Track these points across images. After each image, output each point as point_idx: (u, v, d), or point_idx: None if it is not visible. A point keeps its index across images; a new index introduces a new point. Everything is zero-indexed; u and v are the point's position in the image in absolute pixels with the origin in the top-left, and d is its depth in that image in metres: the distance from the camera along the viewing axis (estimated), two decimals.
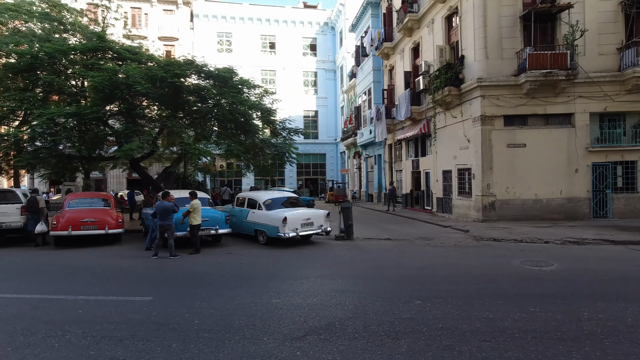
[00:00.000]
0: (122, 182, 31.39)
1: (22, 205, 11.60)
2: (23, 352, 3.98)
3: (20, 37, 14.64)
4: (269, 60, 36.31)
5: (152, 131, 15.27)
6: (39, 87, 14.54)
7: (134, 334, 4.39)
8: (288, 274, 7.56)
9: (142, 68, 13.58)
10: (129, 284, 7.00)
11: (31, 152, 13.66)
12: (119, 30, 19.68)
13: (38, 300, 5.86)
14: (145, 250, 10.26)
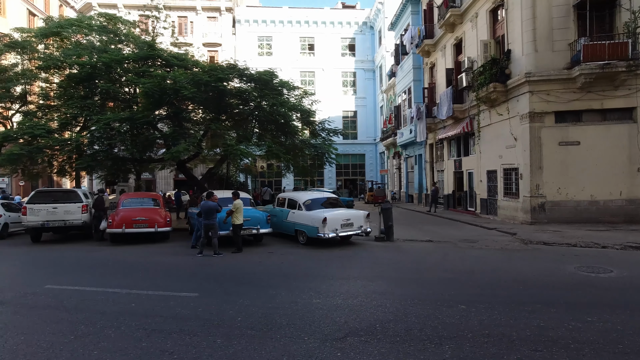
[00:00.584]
0: (169, 183, 32.99)
1: (83, 204, 12.54)
2: (84, 340, 4.29)
3: (82, 50, 15.81)
4: (308, 62, 36.65)
5: (197, 134, 15.95)
6: (97, 94, 15.63)
7: (181, 328, 4.60)
8: (328, 275, 7.59)
9: (188, 73, 14.21)
10: (176, 280, 7.35)
11: (90, 155, 14.74)
12: (167, 39, 20.71)
13: (96, 293, 6.30)
14: (191, 248, 10.71)
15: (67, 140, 14.80)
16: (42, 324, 4.88)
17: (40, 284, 6.91)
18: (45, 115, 17.62)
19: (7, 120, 20.21)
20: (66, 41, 17.70)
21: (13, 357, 3.89)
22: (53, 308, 5.54)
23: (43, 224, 12.03)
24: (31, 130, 13.79)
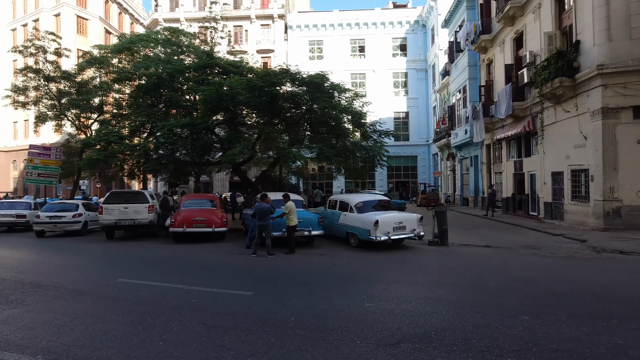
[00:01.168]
0: (225, 185, 34.53)
1: (149, 204, 13.53)
2: (151, 332, 4.61)
3: (149, 62, 17.13)
4: (358, 64, 36.57)
5: (251, 137, 16.55)
6: (162, 103, 16.82)
7: (237, 325, 4.79)
8: (380, 278, 7.49)
9: (243, 80, 14.80)
10: (232, 278, 7.66)
11: (156, 159, 15.89)
12: (224, 48, 21.76)
13: (161, 287, 6.76)
14: (245, 248, 11.10)
15: (136, 146, 16.07)
16: (115, 313, 5.33)
17: (113, 277, 7.56)
18: (118, 123, 19.31)
19: (87, 128, 22.41)
20: (136, 55, 19.27)
21: (92, 342, 4.28)
22: (124, 300, 6.03)
23: (116, 222, 13.17)
24: (106, 137, 15.19)
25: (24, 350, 4.04)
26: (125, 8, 46.99)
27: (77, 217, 14.53)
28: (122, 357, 3.87)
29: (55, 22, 38.53)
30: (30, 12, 41.10)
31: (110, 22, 43.53)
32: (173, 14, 35.55)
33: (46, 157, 19.38)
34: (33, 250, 11.60)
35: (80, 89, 21.38)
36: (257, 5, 36.10)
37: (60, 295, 6.28)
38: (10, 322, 4.98)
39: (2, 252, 11.11)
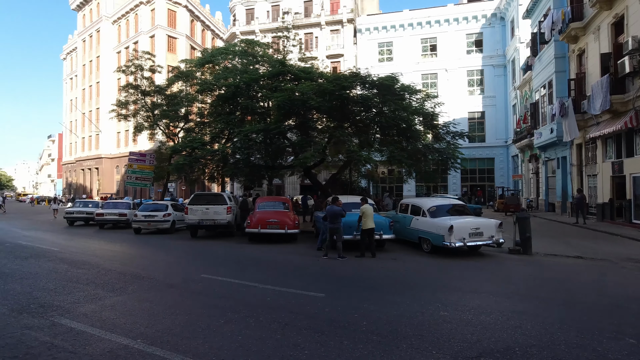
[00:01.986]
0: (296, 188, 35.56)
1: (227, 206, 14.47)
2: (231, 326, 4.92)
3: (228, 73, 18.41)
4: (429, 64, 35.34)
5: (322, 141, 16.88)
6: (239, 110, 17.92)
7: (310, 326, 4.90)
8: (455, 286, 7.14)
9: (314, 85, 15.18)
10: (304, 279, 7.86)
11: (233, 163, 16.96)
12: (295, 55, 22.54)
13: (239, 285, 7.18)
14: (316, 250, 11.34)
15: (216, 151, 17.32)
16: (200, 307, 5.79)
17: (197, 273, 8.23)
18: (200, 130, 21.00)
19: (175, 136, 24.73)
20: (216, 67, 20.82)
21: (181, 331, 4.70)
22: (207, 295, 6.52)
23: (199, 222, 14.31)
24: (191, 144, 16.62)
25: (128, 334, 4.58)
26: (207, 25, 50.99)
27: (167, 217, 16.08)
28: (206, 347, 4.19)
29: (150, 43, 43.20)
30: (132, 35, 46.58)
31: (194, 39, 47.56)
32: (249, 27, 37.70)
33: (142, 162, 21.75)
34: (132, 245, 13.05)
35: (169, 101, 23.70)
36: (327, 11, 36.77)
37: (154, 287, 7.00)
38: (116, 307, 5.68)
39: (109, 245, 12.70)
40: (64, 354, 4.02)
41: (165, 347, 4.19)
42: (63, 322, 4.98)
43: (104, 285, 7.04)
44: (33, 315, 5.30)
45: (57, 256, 10.14)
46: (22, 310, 5.49)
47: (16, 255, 10.14)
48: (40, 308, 5.60)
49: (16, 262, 9.28)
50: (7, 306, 5.71)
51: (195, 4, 47.70)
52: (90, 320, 5.06)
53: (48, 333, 4.61)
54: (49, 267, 8.65)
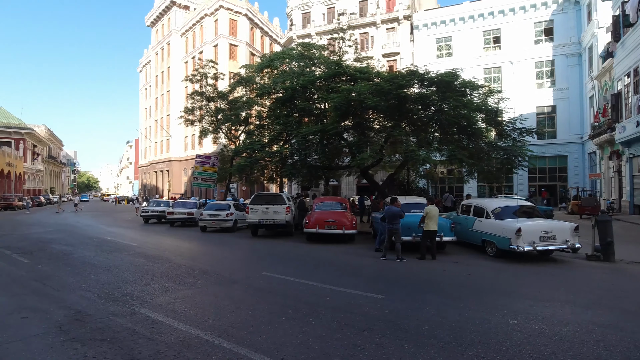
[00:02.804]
0: (352, 188, 35.50)
1: (286, 206, 14.86)
2: (291, 323, 5.06)
3: (285, 76, 18.93)
4: (492, 57, 33.36)
5: (379, 141, 16.69)
6: (296, 112, 18.33)
7: (370, 327, 4.88)
8: (525, 293, 6.68)
9: (370, 85, 15.07)
10: (363, 280, 7.83)
11: (291, 164, 17.38)
12: (351, 55, 22.54)
13: (298, 283, 7.34)
14: (374, 251, 11.24)
15: (275, 153, 17.87)
16: (262, 303, 6.02)
17: (259, 271, 8.55)
18: (260, 133, 21.82)
19: (236, 139, 25.95)
20: (274, 71, 21.50)
21: (245, 325, 4.93)
22: (268, 292, 6.76)
23: (259, 221, 14.86)
24: (251, 146, 17.33)
25: (197, 325, 4.90)
26: (265, 31, 52.84)
27: (229, 216, 16.91)
28: (269, 343, 4.35)
29: (214, 52, 45.77)
30: (197, 46, 49.72)
31: (254, 45, 49.53)
32: (305, 31, 38.39)
33: (207, 164, 23.12)
34: (198, 243, 13.91)
35: (231, 106, 24.94)
36: (382, 10, 36.28)
37: (219, 282, 7.41)
38: (187, 300, 6.11)
39: (179, 242, 13.66)
40: (144, 340, 4.41)
41: (231, 339, 4.42)
42: (142, 311, 5.46)
43: (176, 278, 7.59)
44: (117, 303, 5.87)
45: (136, 251, 11.13)
46: (108, 298, 6.11)
47: (102, 249, 11.30)
48: (123, 297, 6.19)
49: (103, 255, 10.34)
50: (97, 294, 6.39)
51: (254, 12, 49.64)
52: (164, 311, 5.49)
53: (130, 320, 5.08)
54: (129, 261, 9.52)
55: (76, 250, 11.09)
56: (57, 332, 4.66)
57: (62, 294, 6.40)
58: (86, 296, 6.26)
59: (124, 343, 4.31)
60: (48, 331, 4.69)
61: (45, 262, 9.34)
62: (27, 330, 4.72)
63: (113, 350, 4.10)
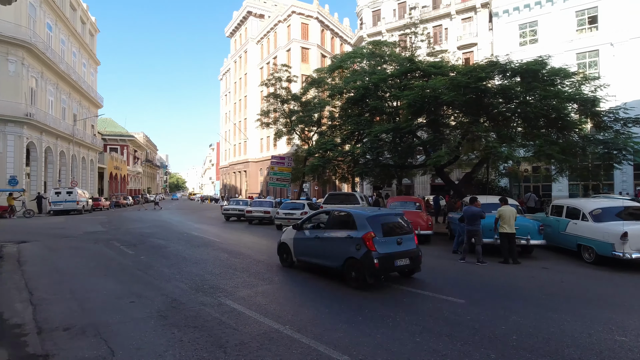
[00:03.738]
0: (426, 188, 34.24)
1: (359, 205, 14.85)
2: (369, 324, 5.04)
3: (356, 76, 18.95)
4: (587, 40, 29.71)
5: (455, 138, 15.89)
6: (367, 111, 18.25)
7: (451, 333, 4.67)
8: (634, 306, 5.87)
9: (446, 79, 14.40)
10: (441, 283, 7.51)
11: (363, 164, 17.35)
12: (424, 50, 21.78)
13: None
14: (452, 253, 10.73)
15: (347, 152, 17.97)
16: (338, 302, 6.08)
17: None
18: (332, 133, 22.11)
19: (309, 140, 26.62)
20: (345, 71, 21.63)
21: (323, 322, 5.03)
22: (344, 291, 6.79)
23: None
24: (324, 146, 17.63)
25: (277, 319, 5.13)
26: (336, 32, 53.37)
27: (304, 215, 17.37)
28: (347, 341, 4.39)
29: (287, 56, 47.49)
30: (271, 52, 52.03)
31: (324, 47, 50.33)
32: (375, 28, 37.97)
33: (282, 164, 24.07)
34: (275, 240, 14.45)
35: (304, 107, 25.65)
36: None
37: (296, 279, 7.66)
38: (267, 295, 6.43)
39: (257, 239, 14.42)
40: (230, 330, 4.74)
41: (310, 335, 4.55)
42: (227, 303, 5.87)
43: (256, 274, 8.02)
44: (206, 294, 6.39)
45: (219, 246, 12.00)
46: (198, 289, 6.68)
47: (191, 244, 12.38)
48: (210, 289, 6.71)
49: (191, 249, 11.33)
50: (188, 284, 7.02)
51: (324, 15, 50.41)
52: (247, 304, 5.84)
53: (217, 310, 5.50)
54: (214, 255, 10.30)
55: (170, 244, 12.29)
56: (158, 317, 5.22)
57: (160, 283, 7.15)
58: (180, 286, 6.91)
59: (212, 331, 4.68)
60: (151, 315, 5.28)
61: (146, 254, 10.51)
62: (134, 314, 5.36)
63: (204, 338, 4.48)
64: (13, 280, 7.41)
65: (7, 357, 3.99)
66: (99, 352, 4.06)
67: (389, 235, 6.97)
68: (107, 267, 8.68)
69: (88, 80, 41.11)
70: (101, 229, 17.47)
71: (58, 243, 12.64)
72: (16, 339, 4.47)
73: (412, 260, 7.15)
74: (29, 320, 5.14)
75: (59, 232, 15.68)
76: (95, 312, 5.44)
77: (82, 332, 4.65)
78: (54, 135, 31.20)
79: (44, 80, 29.92)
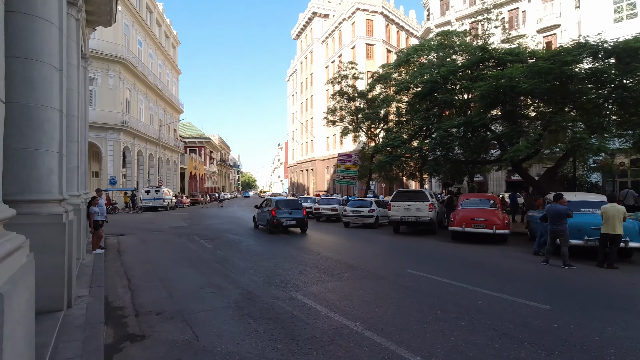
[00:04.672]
0: (501, 184, 31.95)
1: (429, 203, 14.37)
2: (441, 325, 4.87)
3: (424, 69, 18.30)
4: None
5: (535, 130, 14.61)
6: (436, 106, 17.52)
7: (535, 341, 4.33)
8: None
9: (524, 67, 13.30)
10: (520, 286, 6.98)
11: (433, 160, 16.71)
12: (498, 37, 20.29)
13: (446, 284, 7.02)
14: (532, 254, 9.94)
15: (415, 149, 17.45)
16: (409, 301, 5.97)
17: (403, 268, 8.51)
18: (399, 129, 21.62)
19: (376, 137, 26.35)
20: (412, 66, 20.98)
21: (393, 321, 4.97)
22: (415, 290, 6.66)
23: (401, 218, 14.76)
24: (391, 143, 17.31)
25: (347, 316, 5.18)
26: (401, 26, 52.04)
27: (371, 212, 17.29)
28: (419, 342, 4.29)
29: (351, 54, 47.45)
30: (336, 50, 52.41)
31: (389, 42, 49.36)
32: (443, 18, 36.27)
33: (348, 162, 24.14)
34: (343, 237, 14.65)
35: (370, 104, 25.42)
36: None
37: (365, 277, 7.66)
38: (336, 291, 6.52)
39: (325, 236, 14.66)
40: (301, 323, 4.90)
41: (381, 334, 4.53)
42: (298, 297, 6.07)
43: (325, 270, 8.17)
44: (278, 288, 6.67)
45: (289, 242, 12.43)
46: (270, 283, 6.99)
47: (262, 240, 12.99)
48: (282, 283, 6.99)
49: (263, 245, 11.89)
50: (262, 278, 7.39)
51: (389, 9, 49.38)
52: (317, 299, 5.98)
53: (289, 304, 5.71)
54: (284, 251, 10.70)
55: (243, 239, 13.02)
56: (235, 307, 5.58)
57: (236, 276, 7.62)
58: (254, 279, 7.30)
59: (285, 324, 4.87)
60: (229, 305, 5.65)
61: (223, 248, 11.26)
62: (214, 303, 5.79)
63: (277, 329, 4.68)
64: (115, 268, 8.43)
65: (112, 335, 4.56)
66: (186, 337, 4.46)
67: (285, 208, 14.93)
68: (189, 260, 9.47)
69: (171, 88, 45.07)
70: (183, 224, 19.08)
71: (149, 236, 14.08)
72: (119, 320, 5.09)
73: (297, 222, 14.82)
74: (129, 304, 5.81)
75: (149, 227, 17.47)
76: (181, 300, 5.97)
77: (171, 317, 5.14)
78: (144, 140, 34.70)
79: (136, 91, 33.46)
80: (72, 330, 4.35)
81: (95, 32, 18.29)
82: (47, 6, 4.79)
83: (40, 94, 4.67)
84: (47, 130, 4.75)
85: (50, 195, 4.82)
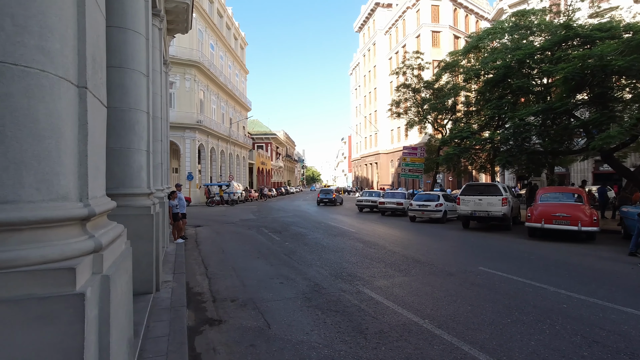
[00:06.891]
0: (586, 177, 28.77)
1: (503, 197, 13.47)
2: (520, 327, 4.56)
3: (496, 54, 17.05)
4: None
5: (631, 115, 12.92)
6: (510, 93, 16.25)
7: (633, 352, 3.88)
8: None
9: (617, 43, 11.79)
10: (613, 290, 6.28)
11: (507, 151, 15.57)
12: (584, 12, 18.20)
13: (523, 284, 6.55)
14: (628, 255, 8.87)
15: (487, 140, 16.39)
16: (482, 299, 5.68)
17: (474, 265, 8.10)
18: (468, 120, 20.47)
19: (443, 128, 25.25)
20: (483, 51, 19.66)
21: (465, 320, 4.77)
22: (487, 288, 6.31)
23: (471, 213, 14.04)
24: (460, 134, 16.46)
25: (416, 313, 5.08)
26: (470, 9, 48.96)
27: (439, 207, 16.67)
28: (494, 344, 4.07)
29: (416, 43, 45.86)
30: (400, 40, 51.03)
31: (457, 27, 46.75)
32: None
33: (414, 155, 23.47)
34: (409, 232, 14.33)
35: (437, 94, 24.38)
36: None
37: (433, 272, 7.43)
38: (404, 286, 6.41)
39: (390, 230, 14.47)
40: (369, 317, 4.91)
41: (452, 333, 4.38)
42: (365, 291, 6.08)
43: (392, 265, 8.08)
44: (344, 281, 6.74)
45: (354, 236, 12.46)
46: (337, 276, 7.09)
47: (329, 233, 13.18)
48: (349, 276, 7.05)
49: (329, 238, 12.07)
50: (328, 271, 7.52)
51: None
52: (384, 294, 5.94)
53: (356, 298, 5.75)
54: (350, 244, 10.76)
55: (310, 233, 13.33)
56: (303, 298, 5.76)
57: (303, 268, 7.84)
58: (320, 272, 7.46)
59: (352, 317, 4.92)
60: (297, 296, 5.85)
61: (290, 240, 11.64)
62: (283, 293, 6.03)
63: (345, 322, 4.74)
64: (193, 257, 9.15)
65: (193, 318, 4.97)
66: (258, 324, 4.71)
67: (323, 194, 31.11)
68: (259, 251, 9.94)
69: (240, 88, 47.35)
70: (252, 217, 20.05)
71: (222, 228, 15.04)
72: (199, 305, 5.53)
73: (329, 200, 30.72)
74: (206, 290, 6.29)
75: (222, 219, 18.64)
76: (253, 289, 6.31)
77: (244, 305, 5.46)
78: (216, 137, 36.97)
79: (208, 91, 35.73)
80: (160, 311, 4.83)
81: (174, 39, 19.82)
82: (136, 19, 5.31)
83: (132, 98, 5.21)
84: (137, 131, 5.29)
85: (141, 190, 5.37)
